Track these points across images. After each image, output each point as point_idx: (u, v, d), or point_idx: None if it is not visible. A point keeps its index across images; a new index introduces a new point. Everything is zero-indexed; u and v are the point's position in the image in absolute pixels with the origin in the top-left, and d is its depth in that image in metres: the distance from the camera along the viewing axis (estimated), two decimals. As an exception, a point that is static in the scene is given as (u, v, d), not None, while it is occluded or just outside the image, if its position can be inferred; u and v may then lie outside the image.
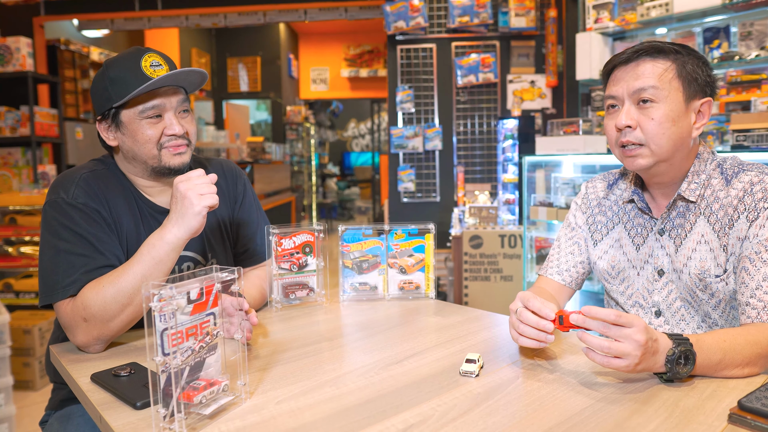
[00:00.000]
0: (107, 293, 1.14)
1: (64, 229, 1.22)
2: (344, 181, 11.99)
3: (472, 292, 3.60)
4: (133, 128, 1.28)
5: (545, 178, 3.24)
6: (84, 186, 1.27)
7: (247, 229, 1.55)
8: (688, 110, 1.16)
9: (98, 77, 1.30)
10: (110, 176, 1.34)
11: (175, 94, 1.31)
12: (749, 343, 1.00)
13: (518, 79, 4.30)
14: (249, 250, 1.57)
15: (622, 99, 1.18)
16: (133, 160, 1.33)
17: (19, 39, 4.10)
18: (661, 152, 1.16)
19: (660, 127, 1.14)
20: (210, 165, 1.55)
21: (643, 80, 1.15)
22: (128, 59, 1.27)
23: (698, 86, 1.16)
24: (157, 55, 1.29)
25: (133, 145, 1.30)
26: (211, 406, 0.88)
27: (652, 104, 1.15)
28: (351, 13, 4.89)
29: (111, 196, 1.30)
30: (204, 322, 0.87)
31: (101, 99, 1.29)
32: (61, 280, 1.18)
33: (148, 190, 1.38)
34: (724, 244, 1.15)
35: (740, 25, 2.88)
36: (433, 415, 0.88)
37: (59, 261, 1.19)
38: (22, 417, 2.89)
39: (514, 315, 1.09)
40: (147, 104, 1.27)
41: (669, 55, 1.16)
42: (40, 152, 4.35)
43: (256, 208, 1.59)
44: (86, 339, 1.17)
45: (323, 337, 1.27)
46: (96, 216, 1.25)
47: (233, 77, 8.35)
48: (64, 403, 1.35)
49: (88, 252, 1.21)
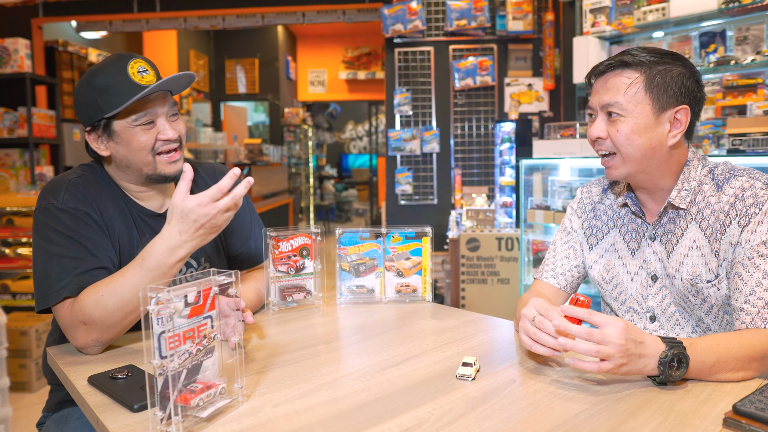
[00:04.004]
0: (109, 303, 1.14)
1: (55, 233, 1.22)
2: (342, 183, 11.99)
3: (469, 295, 3.60)
4: (127, 137, 1.28)
5: (542, 182, 3.25)
6: (73, 190, 1.27)
7: (240, 233, 1.55)
8: (660, 121, 1.17)
9: (83, 87, 1.28)
10: (99, 181, 1.34)
11: (165, 99, 1.32)
12: (743, 347, 1.01)
13: (515, 83, 4.31)
14: (243, 254, 1.57)
15: (596, 110, 1.23)
16: (127, 168, 1.33)
17: (18, 40, 4.10)
18: (632, 162, 1.19)
19: (626, 139, 1.17)
20: (202, 168, 1.54)
21: (609, 95, 1.18)
22: (113, 67, 1.26)
23: (670, 96, 1.16)
24: (141, 60, 1.29)
25: (127, 153, 1.30)
26: (208, 409, 0.88)
27: (619, 117, 1.18)
28: (349, 16, 4.90)
29: (101, 200, 1.31)
30: (201, 325, 0.88)
31: (90, 110, 1.27)
32: (55, 283, 1.18)
33: (138, 195, 1.38)
34: (715, 250, 1.16)
35: (736, 29, 2.90)
36: (429, 418, 0.88)
37: (52, 265, 1.20)
38: (18, 419, 2.89)
39: (527, 321, 1.08)
40: (140, 113, 1.27)
41: (637, 68, 1.17)
42: (38, 153, 4.35)
43: (250, 212, 1.59)
44: (85, 341, 1.18)
45: (320, 340, 1.28)
46: (87, 219, 1.25)
47: (231, 79, 8.36)
48: (61, 405, 1.35)
49: (81, 254, 1.21)
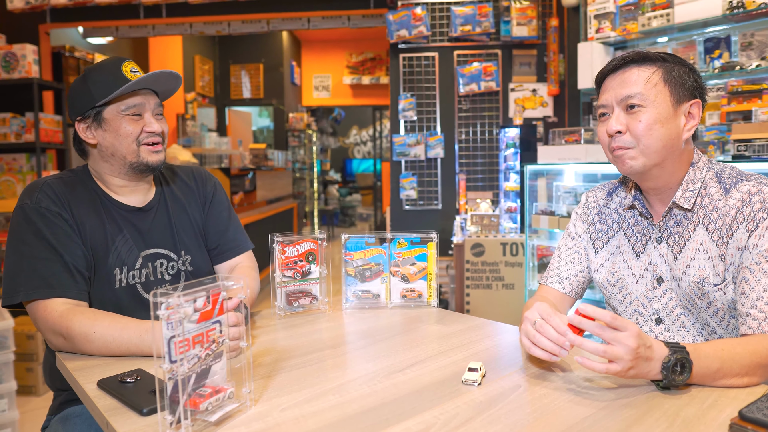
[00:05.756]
0: (95, 341, 1.20)
1: (27, 233, 1.30)
2: (346, 188, 12.01)
3: (474, 300, 3.60)
4: (115, 124, 1.38)
5: (547, 187, 3.25)
6: (47, 191, 1.34)
7: (217, 226, 1.60)
8: (677, 113, 1.18)
9: (78, 83, 1.40)
10: (76, 182, 1.42)
11: (153, 97, 1.43)
12: (749, 352, 1.01)
13: (520, 88, 4.32)
14: (221, 245, 1.60)
15: (612, 106, 1.22)
16: (111, 158, 1.40)
17: (25, 46, 4.13)
18: (651, 153, 1.18)
19: (648, 129, 1.17)
20: (181, 171, 1.62)
21: (629, 87, 1.18)
22: (109, 66, 1.39)
23: (686, 90, 1.19)
24: (134, 64, 1.41)
25: (114, 140, 1.38)
26: (216, 413, 0.89)
27: (640, 108, 1.18)
28: (354, 22, 4.92)
29: (75, 199, 1.37)
30: (210, 329, 0.88)
31: (82, 100, 1.38)
32: (24, 282, 1.26)
33: (118, 190, 1.45)
34: (722, 254, 1.16)
35: (741, 35, 2.90)
36: (435, 423, 0.89)
37: (22, 265, 1.27)
38: (25, 422, 2.90)
39: (529, 324, 1.10)
40: (128, 101, 1.38)
41: (655, 62, 1.19)
42: (45, 158, 4.37)
43: (227, 208, 1.64)
44: (60, 348, 1.26)
45: (326, 345, 1.28)
46: (57, 219, 1.32)
47: (236, 84, 8.39)
48: (62, 406, 1.40)
49: (49, 255, 1.28)
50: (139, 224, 1.44)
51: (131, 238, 1.41)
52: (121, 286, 1.38)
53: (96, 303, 1.34)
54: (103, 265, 1.36)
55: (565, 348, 1.04)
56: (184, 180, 1.60)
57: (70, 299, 1.27)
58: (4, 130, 4.12)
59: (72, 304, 1.26)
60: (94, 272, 1.35)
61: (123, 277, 1.38)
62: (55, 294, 1.26)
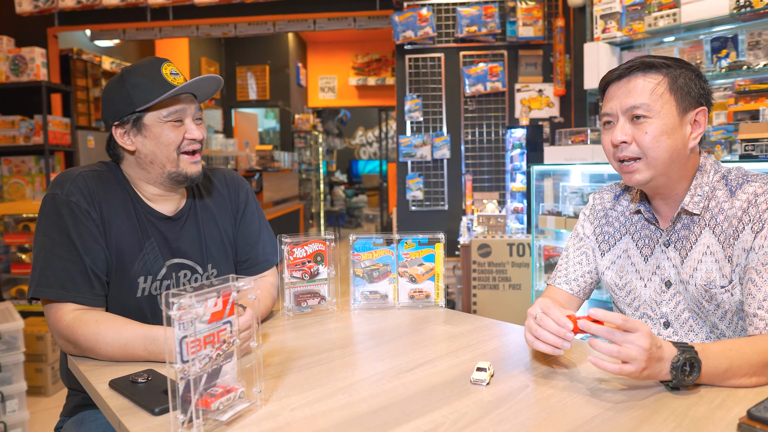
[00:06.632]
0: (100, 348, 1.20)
1: (52, 227, 1.27)
2: (352, 189, 12.01)
3: (481, 301, 3.60)
4: (156, 131, 1.33)
5: (553, 187, 3.25)
6: (80, 183, 1.30)
7: (248, 239, 1.55)
8: (683, 122, 1.18)
9: (115, 84, 1.34)
10: (111, 178, 1.37)
11: (193, 102, 1.38)
12: (756, 352, 1.01)
13: (526, 88, 4.32)
14: (251, 259, 1.56)
15: (617, 115, 1.21)
16: (150, 165, 1.35)
17: (34, 49, 4.17)
18: (658, 165, 1.18)
19: (655, 141, 1.16)
20: (214, 176, 1.56)
21: (635, 97, 1.17)
22: (148, 68, 1.33)
23: (692, 98, 1.18)
24: (173, 65, 1.36)
25: (155, 147, 1.34)
26: (227, 412, 0.90)
27: (646, 119, 1.17)
28: (360, 23, 4.93)
29: (106, 198, 1.33)
30: (221, 330, 0.89)
31: (121, 104, 1.32)
32: (39, 278, 1.24)
33: (152, 198, 1.40)
34: (729, 255, 1.16)
35: (748, 34, 2.89)
36: (444, 422, 0.90)
37: (40, 259, 1.26)
38: (35, 422, 2.92)
39: (532, 319, 1.11)
40: (171, 108, 1.33)
41: (660, 70, 1.18)
42: (53, 160, 4.41)
43: (259, 218, 1.59)
44: (71, 352, 1.26)
45: (335, 345, 1.29)
46: (84, 217, 1.28)
47: (242, 85, 8.42)
48: (77, 409, 1.39)
49: (69, 255, 1.26)
50: (167, 233, 1.40)
51: (158, 246, 1.37)
52: (143, 295, 1.35)
53: (117, 309, 1.31)
54: (127, 271, 1.33)
55: (567, 339, 1.05)
56: (217, 187, 1.54)
57: (83, 305, 1.26)
58: (13, 132, 4.16)
59: (83, 311, 1.25)
60: (116, 277, 1.32)
61: (146, 286, 1.35)
62: (68, 298, 1.24)
